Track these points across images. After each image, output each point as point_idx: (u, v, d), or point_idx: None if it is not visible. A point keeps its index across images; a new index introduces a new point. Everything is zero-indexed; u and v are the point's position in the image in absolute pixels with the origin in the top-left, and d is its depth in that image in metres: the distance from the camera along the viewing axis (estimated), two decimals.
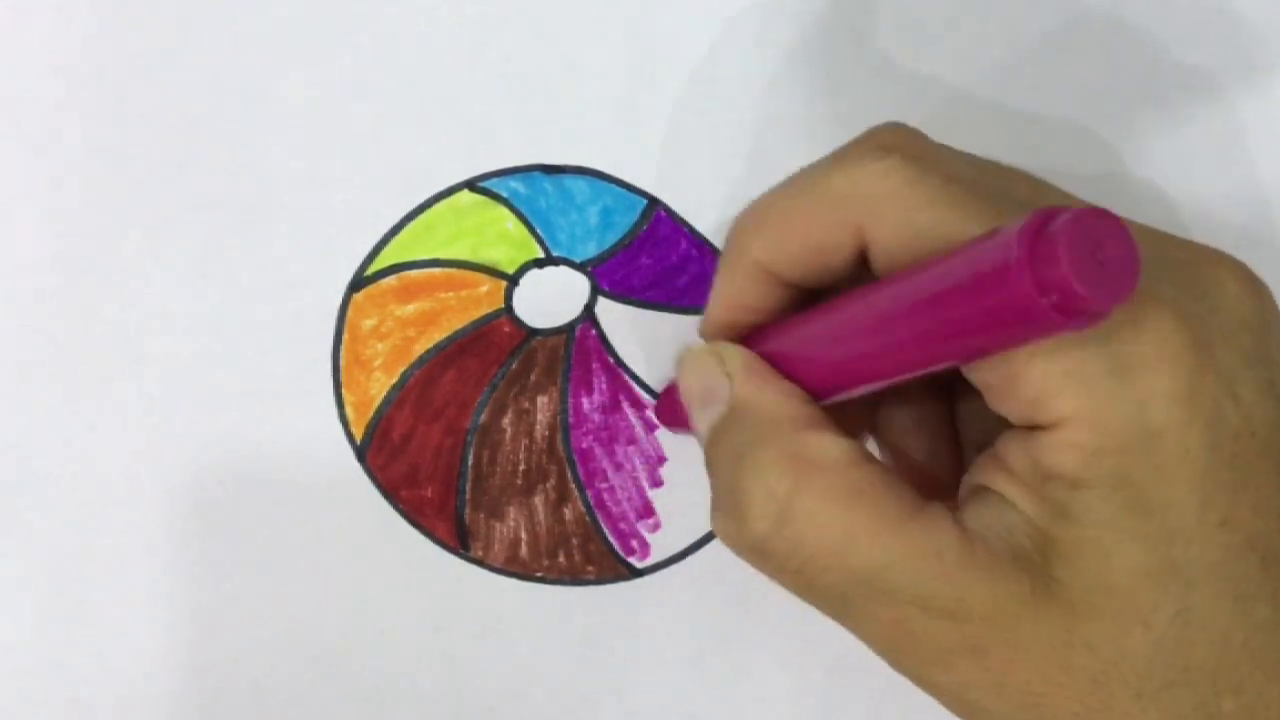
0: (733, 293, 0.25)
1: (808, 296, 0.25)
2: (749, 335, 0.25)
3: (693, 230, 0.32)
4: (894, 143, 0.23)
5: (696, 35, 0.32)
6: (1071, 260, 0.17)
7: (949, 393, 0.26)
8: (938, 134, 0.32)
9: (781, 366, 0.24)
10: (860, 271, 0.24)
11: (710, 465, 0.24)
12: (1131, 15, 0.32)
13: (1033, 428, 0.20)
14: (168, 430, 0.31)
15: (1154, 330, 0.20)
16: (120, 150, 0.32)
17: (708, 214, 0.32)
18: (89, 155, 0.32)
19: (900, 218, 0.22)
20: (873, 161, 0.22)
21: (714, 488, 0.24)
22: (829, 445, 0.22)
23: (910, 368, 0.21)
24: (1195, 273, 0.22)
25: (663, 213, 0.32)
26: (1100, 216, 0.17)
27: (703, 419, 0.25)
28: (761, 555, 0.23)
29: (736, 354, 0.25)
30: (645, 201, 0.32)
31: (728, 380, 0.24)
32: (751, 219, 0.25)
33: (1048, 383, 0.20)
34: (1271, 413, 0.20)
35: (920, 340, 0.20)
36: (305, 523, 0.31)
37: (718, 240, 0.32)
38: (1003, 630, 0.20)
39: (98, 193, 0.32)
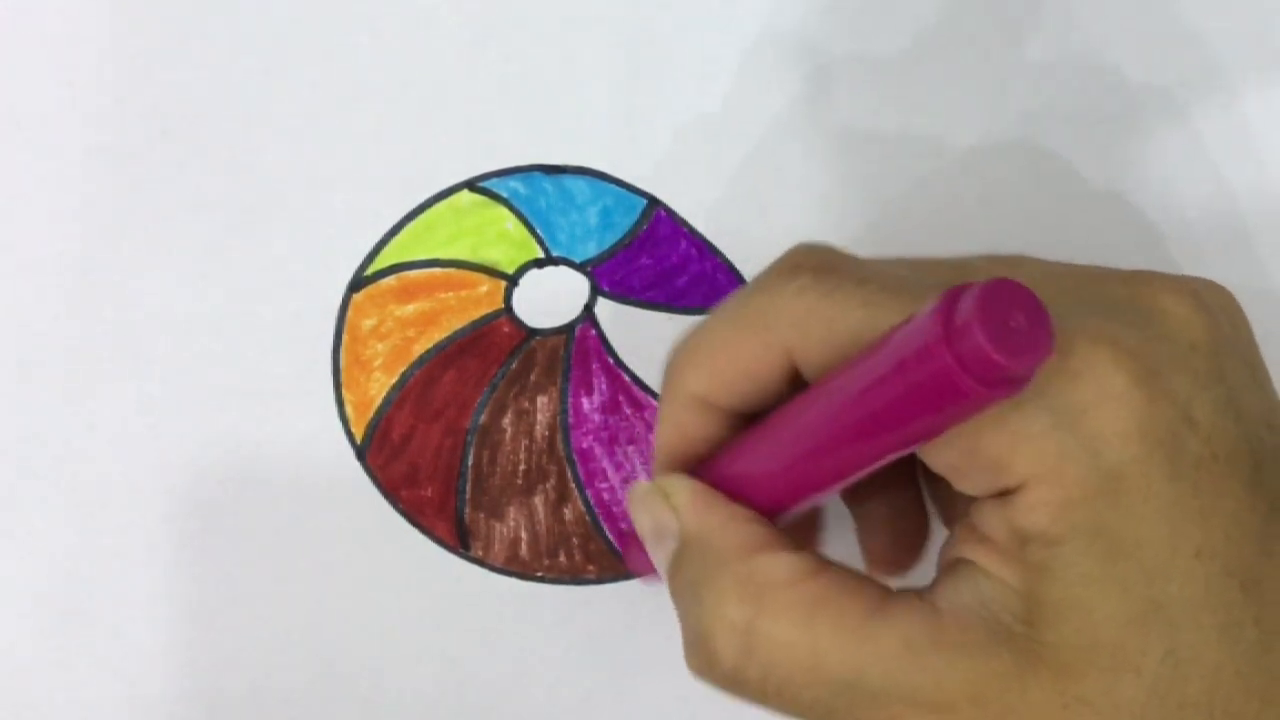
0: (674, 427, 0.25)
1: (750, 419, 0.25)
2: (700, 464, 0.25)
3: (693, 230, 0.32)
4: (804, 261, 0.23)
5: (696, 35, 0.32)
6: (985, 331, 0.17)
7: (914, 474, 0.26)
8: (937, 133, 0.32)
9: (733, 490, 0.24)
10: (797, 390, 0.24)
11: (674, 601, 0.24)
12: (1131, 15, 0.32)
13: (1002, 494, 0.20)
14: (168, 430, 0.31)
15: (1092, 373, 0.19)
16: (120, 150, 0.32)
17: (708, 214, 0.32)
18: (90, 155, 0.32)
19: (822, 331, 0.22)
20: (786, 282, 0.22)
21: (681, 625, 0.24)
22: (781, 563, 0.22)
23: (855, 467, 0.21)
24: (1136, 304, 0.21)
25: (662, 213, 0.32)
26: (1006, 286, 0.17)
27: (658, 557, 0.25)
28: (737, 685, 0.23)
29: (681, 487, 0.24)
30: (645, 201, 0.32)
31: (674, 515, 0.24)
32: (684, 354, 0.24)
33: (1000, 451, 0.20)
34: (1232, 432, 0.20)
35: (858, 437, 0.20)
36: (305, 523, 0.31)
37: (718, 240, 0.32)
38: (992, 709, 0.20)
39: (98, 193, 0.32)
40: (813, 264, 0.23)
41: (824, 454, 0.21)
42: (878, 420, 0.20)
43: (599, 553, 0.31)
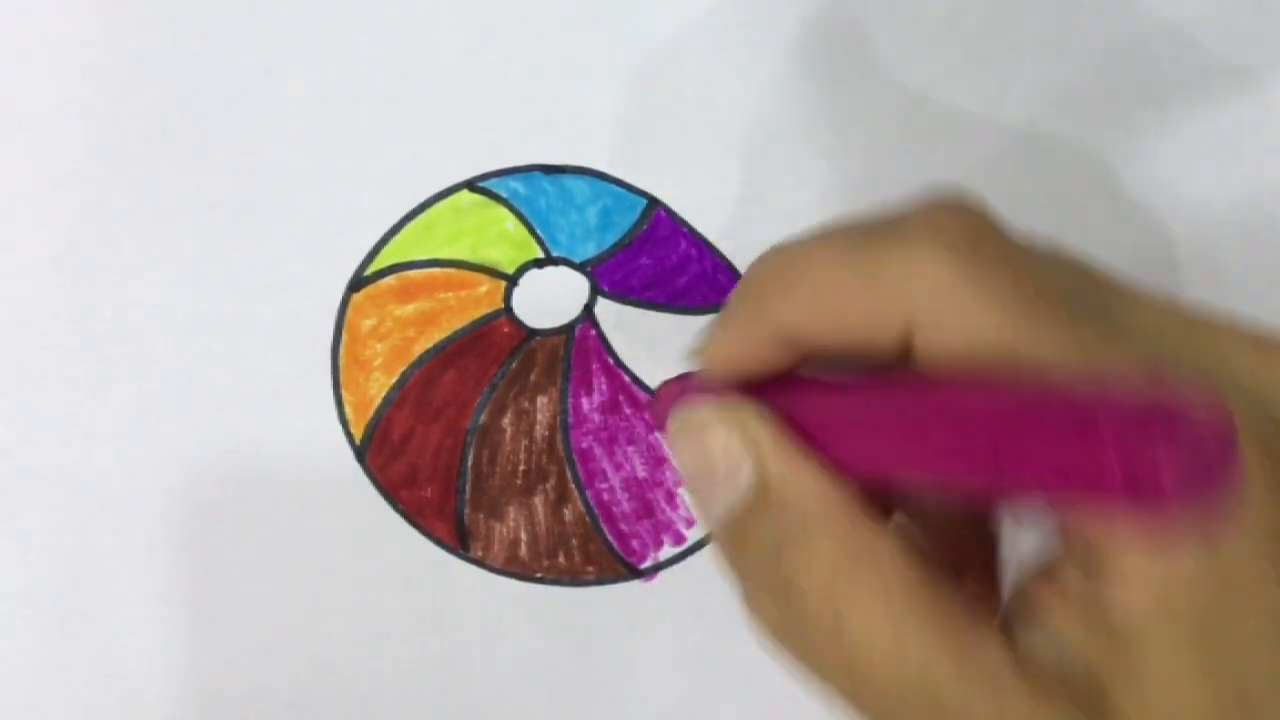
0: (742, 348, 0.22)
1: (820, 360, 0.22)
2: (750, 388, 0.22)
3: (693, 230, 0.32)
4: (954, 225, 0.20)
5: (696, 35, 0.32)
6: (1173, 481, 0.15)
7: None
8: (938, 133, 0.32)
9: (807, 435, 0.21)
10: (899, 358, 0.21)
11: (732, 555, 0.21)
12: (1131, 15, 0.32)
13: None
14: (168, 430, 0.31)
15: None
16: (120, 150, 0.32)
17: (708, 214, 0.32)
18: (89, 155, 0.32)
19: (958, 321, 0.19)
20: (928, 248, 0.20)
21: (745, 580, 0.21)
22: (882, 541, 0.20)
23: (964, 484, 0.19)
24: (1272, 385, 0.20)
25: (662, 213, 0.32)
26: (1216, 429, 0.15)
27: (715, 496, 0.21)
28: (810, 657, 0.21)
29: (763, 423, 0.21)
30: (645, 201, 0.32)
31: (750, 455, 0.21)
32: (779, 274, 0.21)
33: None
34: None
35: (987, 469, 0.18)
36: (305, 523, 0.31)
37: (718, 240, 0.32)
38: None
39: (98, 193, 0.32)
40: (962, 230, 0.20)
41: (943, 459, 0.19)
42: (1019, 474, 0.17)
43: (599, 553, 0.31)
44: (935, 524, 0.24)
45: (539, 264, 0.32)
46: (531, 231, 0.32)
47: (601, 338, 0.31)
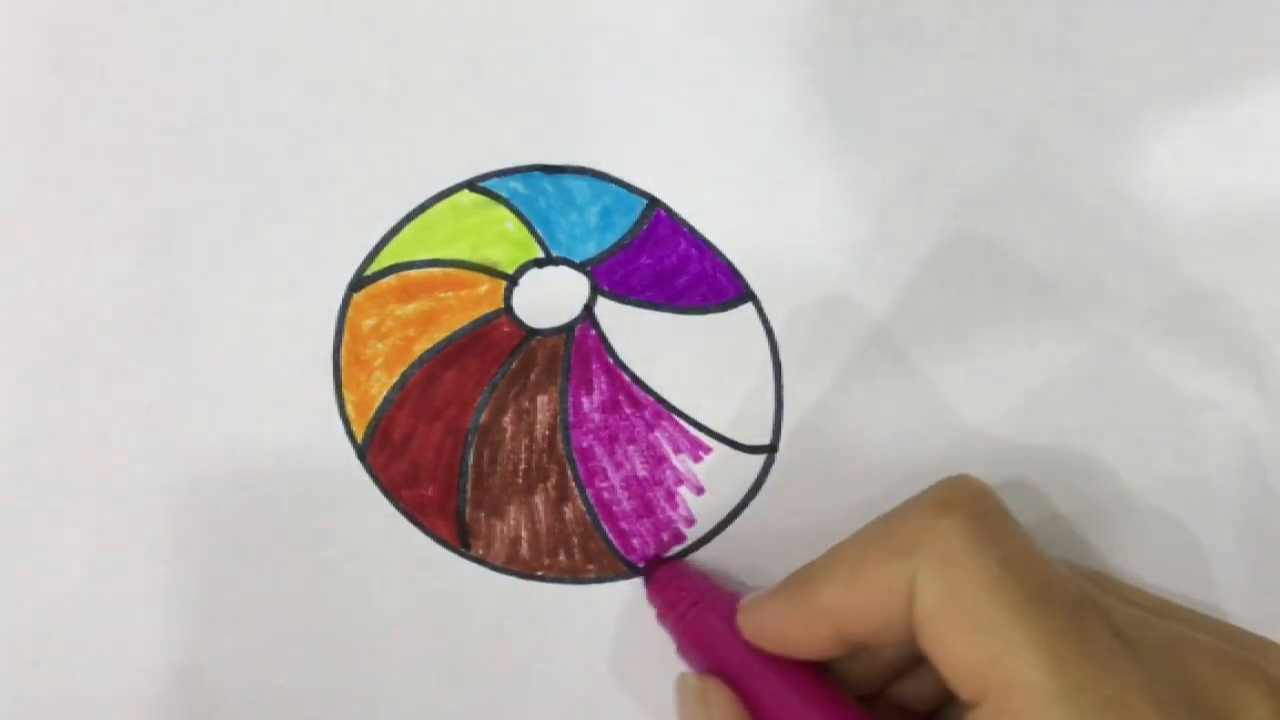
0: (789, 631, 0.25)
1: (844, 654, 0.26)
2: (775, 664, 0.26)
3: (693, 230, 0.32)
4: (959, 501, 0.23)
5: (696, 35, 0.32)
6: None
7: None
8: (937, 133, 0.32)
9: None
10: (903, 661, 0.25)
11: None
12: (1130, 15, 0.32)
13: None
14: (168, 430, 0.31)
15: None
16: (120, 150, 0.32)
17: (708, 214, 0.32)
18: (89, 155, 0.32)
19: (945, 586, 0.22)
20: (934, 518, 0.23)
21: None
22: None
23: None
24: (1220, 695, 0.22)
25: (662, 213, 0.32)
26: None
27: None
28: None
29: (720, 703, 0.26)
30: (645, 201, 0.32)
31: None
32: (825, 563, 0.25)
33: None
34: None
35: None
36: (306, 523, 0.31)
37: (718, 240, 0.32)
38: None
39: (98, 193, 0.32)
40: (966, 507, 0.23)
41: None
42: None
43: (599, 552, 0.31)
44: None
45: (539, 264, 0.32)
46: (532, 231, 0.32)
47: (601, 337, 0.31)
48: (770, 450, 0.31)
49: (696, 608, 0.28)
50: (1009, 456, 0.31)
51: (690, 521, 0.31)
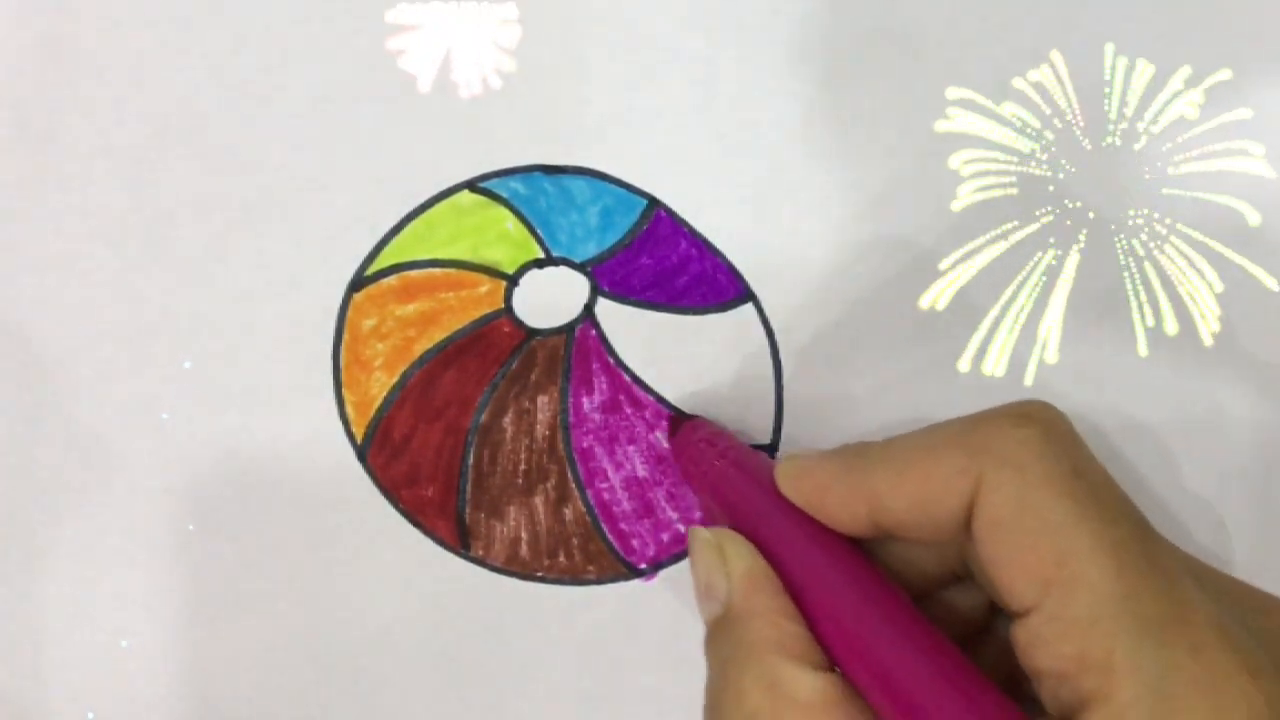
0: (834, 502, 0.25)
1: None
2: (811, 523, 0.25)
3: (693, 230, 0.32)
4: (1036, 415, 0.23)
5: (696, 35, 0.32)
6: None
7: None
8: (937, 133, 0.32)
9: (807, 588, 0.24)
10: (951, 560, 0.25)
11: (706, 654, 0.25)
12: (1130, 14, 0.32)
13: None
14: (168, 430, 0.31)
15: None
16: (120, 150, 0.32)
17: (708, 214, 0.32)
18: (89, 155, 0.32)
19: (1015, 489, 0.22)
20: (1012, 426, 0.23)
21: (707, 678, 0.25)
22: (806, 681, 0.22)
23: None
24: None
25: (663, 213, 0.32)
26: None
27: (703, 609, 0.25)
28: None
29: (740, 556, 0.25)
30: (645, 201, 0.32)
31: (726, 581, 0.25)
32: (886, 446, 0.24)
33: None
34: None
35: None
36: (305, 523, 0.31)
37: (718, 240, 0.32)
38: None
39: (98, 193, 0.32)
40: (1045, 422, 0.23)
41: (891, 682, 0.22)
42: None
43: (599, 553, 0.31)
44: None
45: (539, 264, 0.32)
46: (532, 231, 0.32)
47: (602, 337, 0.31)
48: (770, 450, 0.31)
49: (724, 460, 0.27)
50: None
51: (690, 522, 0.31)
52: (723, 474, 0.27)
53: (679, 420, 0.30)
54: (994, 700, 0.21)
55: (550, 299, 0.31)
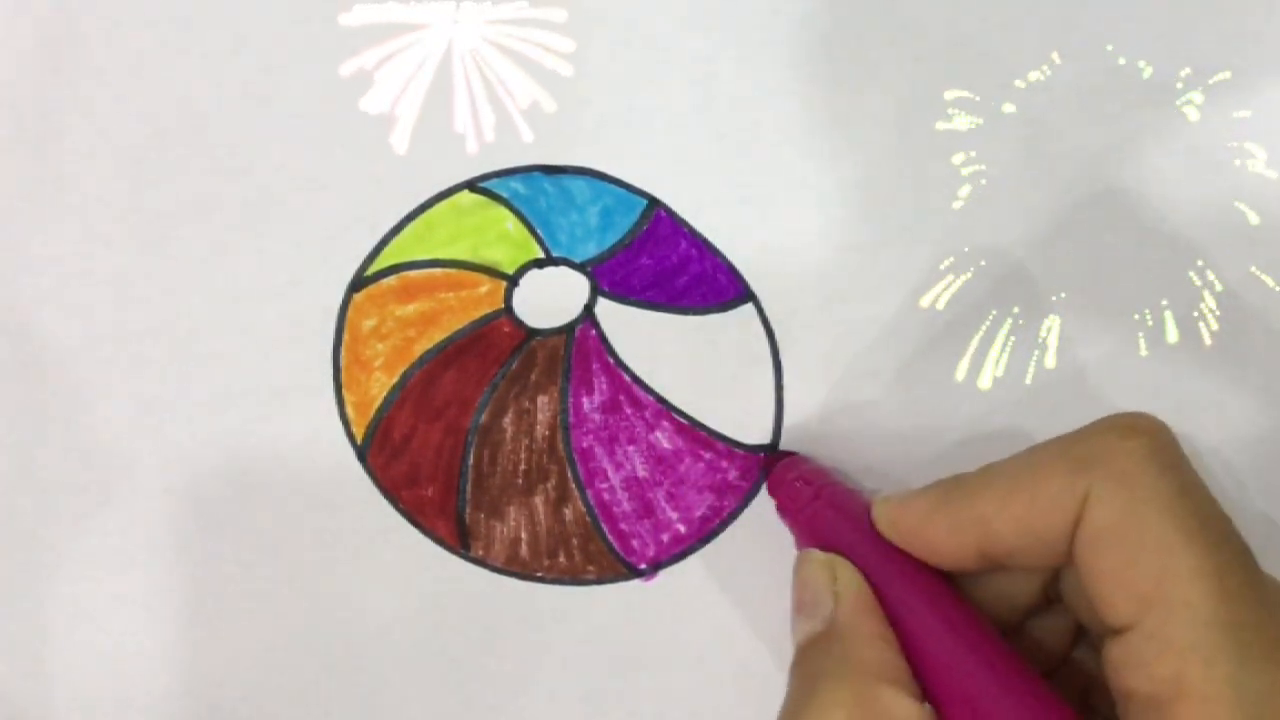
0: (930, 533, 0.25)
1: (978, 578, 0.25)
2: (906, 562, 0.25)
3: (693, 230, 0.32)
4: (1143, 427, 0.23)
5: (696, 34, 0.32)
6: None
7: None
8: (937, 133, 0.32)
9: (903, 622, 0.24)
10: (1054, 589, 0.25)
11: (793, 670, 0.25)
12: (1130, 14, 0.32)
13: None
14: (168, 430, 0.31)
15: None
16: (120, 150, 0.32)
17: (708, 214, 0.32)
18: (89, 155, 0.32)
19: (1123, 503, 0.22)
20: (1119, 439, 0.23)
21: (789, 691, 0.24)
22: (903, 706, 0.22)
23: None
24: None
25: (663, 213, 0.32)
26: None
27: (799, 624, 0.25)
28: None
29: (850, 579, 0.25)
30: (645, 201, 0.32)
31: (833, 600, 0.25)
32: (983, 473, 0.24)
33: None
34: None
35: None
36: (305, 523, 0.31)
37: (718, 240, 0.32)
38: None
39: (98, 193, 0.32)
40: (1151, 434, 0.23)
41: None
42: None
43: (599, 553, 0.31)
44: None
45: (539, 264, 0.32)
46: (532, 231, 0.32)
47: (602, 338, 0.31)
48: (770, 450, 0.31)
49: (819, 500, 0.27)
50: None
51: (691, 522, 0.31)
52: (819, 514, 0.27)
53: (774, 459, 0.30)
54: None
55: (550, 299, 0.31)
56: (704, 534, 0.31)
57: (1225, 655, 0.20)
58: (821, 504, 0.27)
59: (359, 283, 0.31)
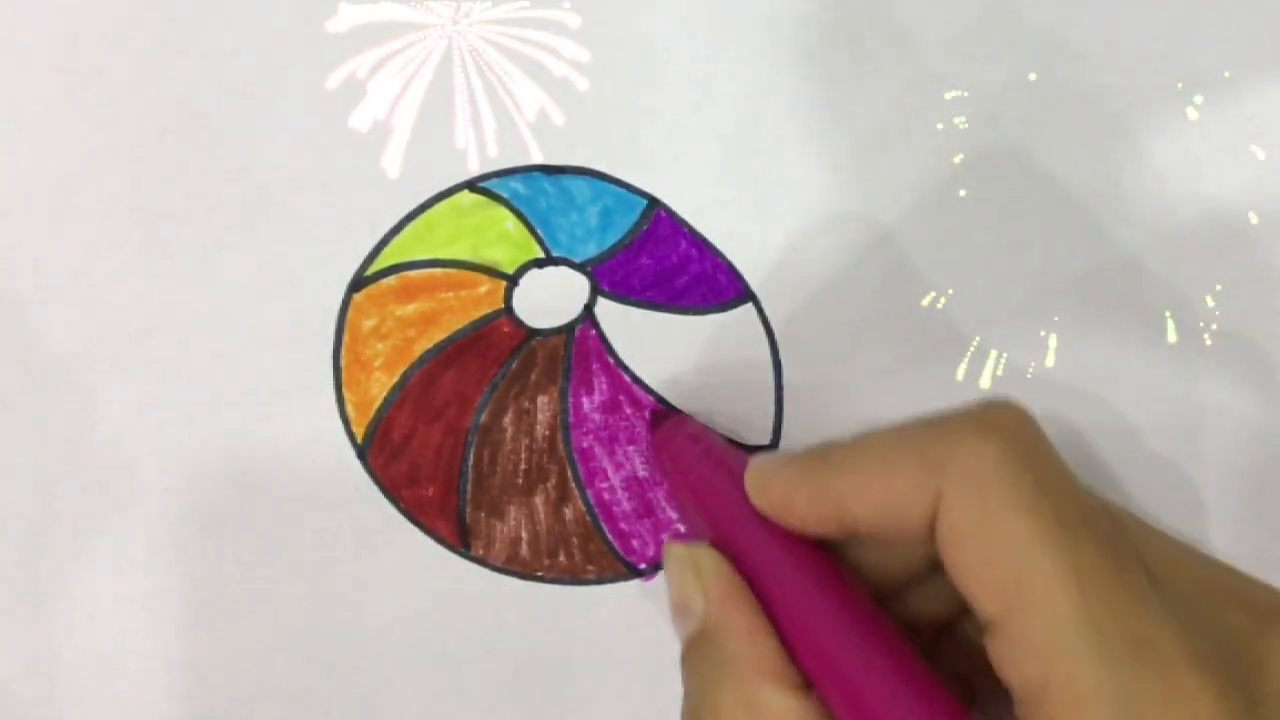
0: (800, 505, 0.24)
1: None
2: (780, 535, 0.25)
3: (693, 230, 0.32)
4: (1001, 425, 0.22)
5: (696, 35, 0.32)
6: None
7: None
8: (937, 133, 0.32)
9: (778, 603, 0.24)
10: (920, 561, 0.25)
11: (682, 671, 0.25)
12: (1130, 14, 0.32)
13: None
14: (168, 430, 0.31)
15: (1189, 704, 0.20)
16: (121, 150, 0.32)
17: (708, 214, 0.32)
18: (89, 155, 0.32)
19: (975, 507, 0.21)
20: (974, 439, 0.22)
21: (684, 694, 0.24)
22: (782, 703, 0.22)
23: None
24: (1251, 642, 0.21)
25: (663, 213, 0.32)
26: None
27: (679, 627, 0.25)
28: None
29: (714, 571, 0.25)
30: (645, 201, 0.32)
31: (700, 597, 0.24)
32: (848, 451, 0.24)
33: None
34: None
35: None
36: (306, 523, 0.31)
37: (718, 240, 0.32)
38: None
39: (98, 193, 0.32)
40: (1010, 432, 0.22)
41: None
42: None
43: (599, 553, 0.31)
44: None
45: (539, 264, 0.32)
46: (532, 231, 0.32)
47: (601, 338, 0.31)
48: (770, 450, 0.31)
49: (704, 460, 0.27)
50: None
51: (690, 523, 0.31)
52: (701, 475, 0.27)
53: (662, 415, 0.30)
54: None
55: (550, 299, 0.32)
56: None
57: (1089, 654, 0.20)
58: (704, 465, 0.27)
59: (359, 283, 0.31)
